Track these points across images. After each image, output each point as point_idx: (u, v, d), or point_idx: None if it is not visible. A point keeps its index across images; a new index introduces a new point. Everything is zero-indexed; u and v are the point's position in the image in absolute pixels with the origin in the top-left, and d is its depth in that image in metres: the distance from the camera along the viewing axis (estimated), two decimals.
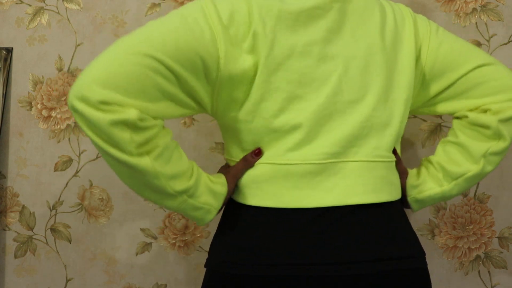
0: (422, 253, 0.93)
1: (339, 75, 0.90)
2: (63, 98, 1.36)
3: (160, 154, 0.80)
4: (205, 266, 0.94)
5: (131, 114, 0.75)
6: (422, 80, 1.00)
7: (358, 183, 0.90)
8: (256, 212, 0.90)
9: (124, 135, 0.75)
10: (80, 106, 0.74)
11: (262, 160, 0.91)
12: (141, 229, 1.37)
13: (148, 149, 0.79)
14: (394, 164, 0.96)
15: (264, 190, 0.90)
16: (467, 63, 0.96)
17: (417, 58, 0.98)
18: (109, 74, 0.74)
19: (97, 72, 0.74)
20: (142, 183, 0.82)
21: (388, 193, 0.92)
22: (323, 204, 0.88)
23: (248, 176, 0.92)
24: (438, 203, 1.36)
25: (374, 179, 0.91)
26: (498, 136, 0.95)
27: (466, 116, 0.98)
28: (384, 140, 0.93)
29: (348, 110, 0.90)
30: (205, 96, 0.87)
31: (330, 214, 0.88)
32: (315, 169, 0.89)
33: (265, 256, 0.87)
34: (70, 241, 1.36)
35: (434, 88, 1.00)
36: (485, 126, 0.95)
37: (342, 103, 0.90)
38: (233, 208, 0.94)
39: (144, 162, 0.78)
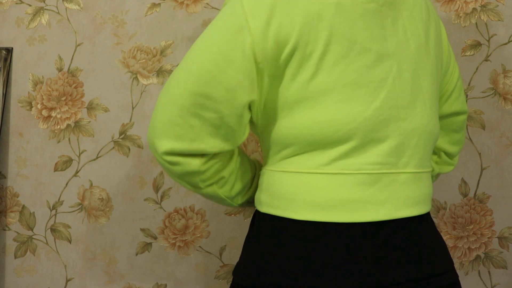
0: (453, 264, 0.90)
1: (393, 77, 0.83)
2: (63, 98, 1.36)
3: (225, 183, 0.90)
4: (237, 280, 0.87)
5: (193, 166, 0.83)
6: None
7: (407, 196, 0.84)
8: (301, 227, 0.81)
9: (192, 179, 0.86)
10: (156, 156, 0.84)
11: (308, 168, 0.82)
12: (141, 229, 1.36)
13: (214, 181, 0.89)
14: (430, 173, 0.92)
15: (310, 203, 0.81)
16: (463, 104, 1.05)
17: (445, 73, 0.98)
18: (163, 124, 0.81)
19: (154, 123, 0.82)
20: (214, 200, 0.95)
21: (427, 204, 0.89)
22: (376, 219, 0.80)
23: (291, 186, 0.83)
24: (438, 203, 1.37)
25: (419, 191, 0.86)
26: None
27: None
28: (428, 150, 0.89)
29: (401, 116, 0.83)
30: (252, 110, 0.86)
31: (382, 230, 0.81)
32: (368, 180, 0.81)
33: (315, 280, 0.78)
34: (70, 241, 1.36)
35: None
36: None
37: (396, 108, 0.83)
38: (271, 221, 0.85)
39: (212, 190, 0.90)
